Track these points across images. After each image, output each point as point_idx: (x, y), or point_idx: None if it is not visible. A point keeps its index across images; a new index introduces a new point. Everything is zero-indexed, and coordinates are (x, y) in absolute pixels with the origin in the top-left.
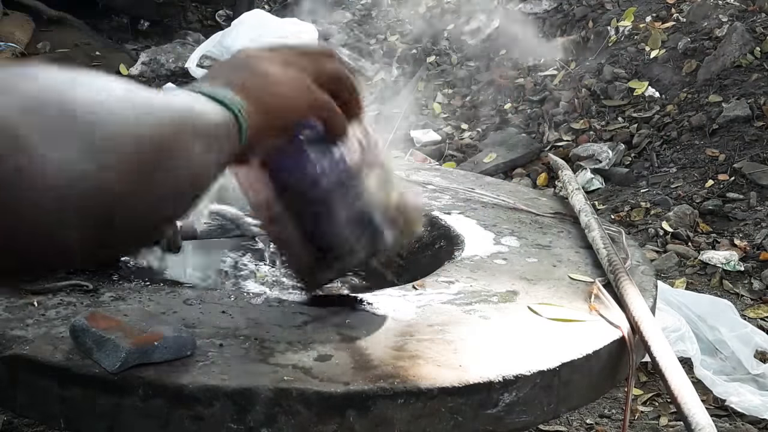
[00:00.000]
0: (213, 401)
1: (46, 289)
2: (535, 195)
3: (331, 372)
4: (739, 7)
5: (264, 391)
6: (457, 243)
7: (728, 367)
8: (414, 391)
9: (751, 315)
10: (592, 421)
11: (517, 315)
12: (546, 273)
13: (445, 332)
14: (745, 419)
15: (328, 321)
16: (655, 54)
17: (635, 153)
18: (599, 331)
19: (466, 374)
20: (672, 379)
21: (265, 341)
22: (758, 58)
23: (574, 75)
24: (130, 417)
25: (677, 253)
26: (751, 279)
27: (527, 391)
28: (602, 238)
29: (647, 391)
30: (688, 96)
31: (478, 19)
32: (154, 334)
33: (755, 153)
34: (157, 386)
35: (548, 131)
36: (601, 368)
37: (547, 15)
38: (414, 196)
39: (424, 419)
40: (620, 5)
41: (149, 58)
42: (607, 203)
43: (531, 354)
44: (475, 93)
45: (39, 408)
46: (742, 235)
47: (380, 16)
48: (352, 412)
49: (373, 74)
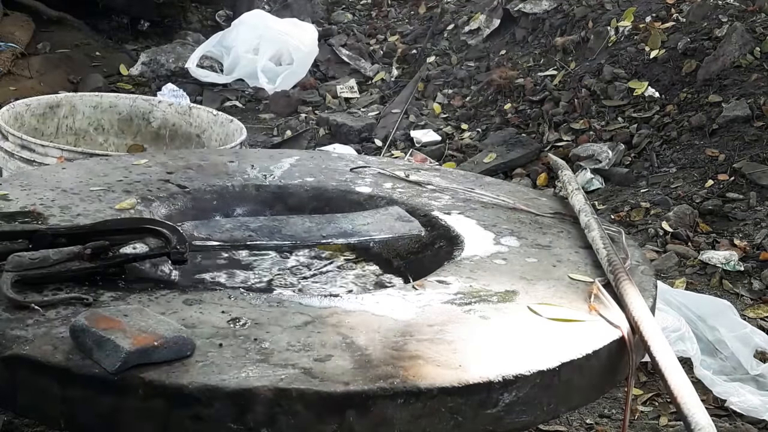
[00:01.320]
0: (213, 401)
1: (46, 302)
2: (535, 195)
3: (331, 372)
4: (738, 8)
5: (264, 391)
6: (457, 243)
7: (728, 367)
8: (414, 391)
9: (750, 315)
10: (592, 421)
11: (517, 315)
12: (546, 273)
13: (445, 332)
14: (744, 419)
15: (328, 321)
16: (654, 54)
17: (635, 153)
18: (599, 331)
19: (466, 374)
20: (672, 379)
21: (265, 341)
22: (758, 58)
23: (574, 75)
24: (130, 417)
25: (677, 253)
26: (750, 279)
27: (527, 391)
28: (602, 238)
29: (647, 391)
30: (687, 96)
31: (478, 19)
32: (154, 335)
33: (755, 153)
34: (157, 386)
35: (548, 131)
36: (601, 368)
37: (547, 15)
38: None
39: (424, 419)
40: (620, 5)
41: (149, 59)
42: (607, 203)
43: (531, 354)
44: (475, 93)
45: (39, 408)
46: (742, 235)
47: (380, 16)
48: (352, 412)
49: (373, 74)
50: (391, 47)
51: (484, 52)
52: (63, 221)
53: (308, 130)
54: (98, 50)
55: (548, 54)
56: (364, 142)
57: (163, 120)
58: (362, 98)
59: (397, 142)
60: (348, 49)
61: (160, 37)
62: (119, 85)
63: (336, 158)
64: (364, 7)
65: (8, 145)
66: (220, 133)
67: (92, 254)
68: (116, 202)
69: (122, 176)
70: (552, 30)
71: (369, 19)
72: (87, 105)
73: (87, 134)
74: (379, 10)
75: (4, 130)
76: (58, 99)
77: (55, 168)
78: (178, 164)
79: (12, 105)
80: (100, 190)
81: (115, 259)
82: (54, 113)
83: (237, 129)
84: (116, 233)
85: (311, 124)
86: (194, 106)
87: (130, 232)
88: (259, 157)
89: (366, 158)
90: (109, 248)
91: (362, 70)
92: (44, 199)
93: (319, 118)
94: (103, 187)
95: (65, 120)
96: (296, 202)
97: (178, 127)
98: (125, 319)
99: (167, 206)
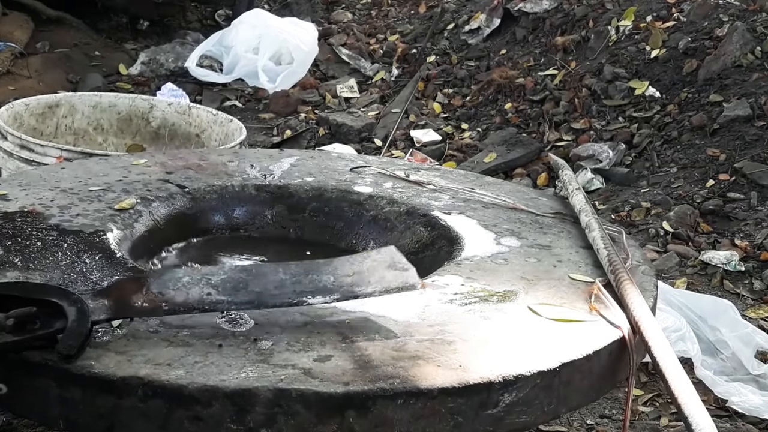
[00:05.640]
0: (212, 402)
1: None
2: (535, 195)
3: (331, 372)
4: (739, 7)
5: (264, 391)
6: (457, 243)
7: (729, 367)
8: (414, 391)
9: (751, 315)
10: (592, 421)
11: (517, 315)
12: (546, 273)
13: (445, 332)
14: (745, 419)
15: (328, 321)
16: (655, 53)
17: (636, 153)
18: (599, 331)
19: (466, 374)
20: (672, 379)
21: (264, 341)
22: (759, 57)
23: (574, 75)
24: (129, 417)
25: (678, 253)
26: (751, 279)
27: (527, 391)
28: (602, 238)
29: (648, 391)
30: (688, 96)
31: (479, 18)
32: None
33: (756, 153)
34: (157, 386)
35: (548, 131)
36: (601, 368)
37: (548, 14)
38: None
39: (424, 420)
40: (620, 5)
41: (149, 58)
42: (607, 203)
43: (531, 354)
44: (475, 92)
45: (38, 409)
46: (743, 235)
47: (380, 15)
48: (352, 413)
49: (373, 74)
50: (391, 47)
51: (484, 52)
52: (63, 221)
53: (308, 130)
54: (97, 50)
55: (548, 53)
56: (364, 141)
57: (162, 120)
58: (362, 98)
59: (397, 141)
60: (348, 49)
61: (160, 37)
62: (118, 84)
63: (336, 158)
64: (364, 6)
65: (7, 145)
66: (219, 133)
67: (15, 324)
68: (115, 201)
69: (121, 176)
70: (552, 29)
71: (369, 19)
72: (86, 105)
73: (86, 134)
74: (379, 10)
75: (3, 129)
76: (57, 99)
77: (54, 168)
78: (177, 164)
79: (11, 105)
80: (99, 189)
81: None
82: (53, 113)
83: (236, 129)
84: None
85: (311, 123)
86: (194, 106)
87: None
88: (259, 157)
89: (366, 158)
90: (37, 316)
91: (362, 70)
92: (43, 199)
93: (318, 117)
94: (102, 187)
95: (64, 120)
96: (296, 202)
97: (177, 127)
98: None
99: (167, 206)
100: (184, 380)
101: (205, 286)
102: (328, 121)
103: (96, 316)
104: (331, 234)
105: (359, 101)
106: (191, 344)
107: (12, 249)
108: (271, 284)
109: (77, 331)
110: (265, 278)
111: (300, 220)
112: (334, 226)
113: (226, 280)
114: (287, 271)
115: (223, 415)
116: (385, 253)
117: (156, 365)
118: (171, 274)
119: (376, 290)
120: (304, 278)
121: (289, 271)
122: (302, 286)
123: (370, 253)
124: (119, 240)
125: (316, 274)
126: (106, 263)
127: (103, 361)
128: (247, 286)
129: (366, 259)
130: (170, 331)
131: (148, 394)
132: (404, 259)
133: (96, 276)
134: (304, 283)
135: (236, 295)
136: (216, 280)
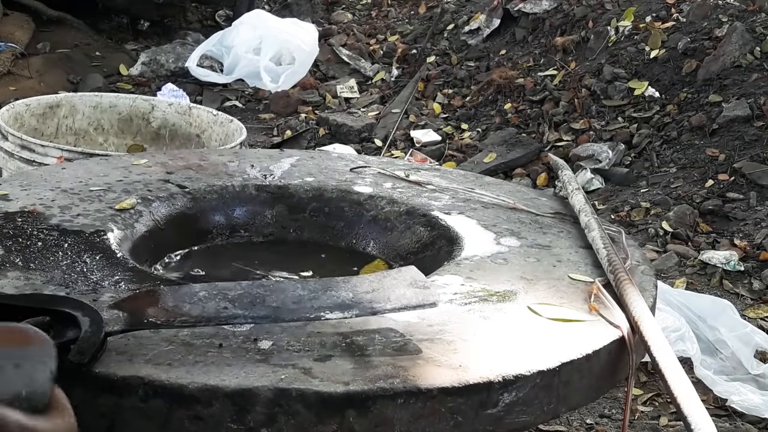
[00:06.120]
0: (213, 401)
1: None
2: (535, 195)
3: (331, 372)
4: (739, 7)
5: (264, 391)
6: (457, 243)
7: (728, 367)
8: (414, 391)
9: (751, 315)
10: (592, 421)
11: (517, 315)
12: (546, 273)
13: (445, 332)
14: (744, 419)
15: (328, 321)
16: (655, 54)
17: (635, 153)
18: (599, 331)
19: (466, 374)
20: (672, 378)
21: (265, 341)
22: (758, 58)
23: (574, 75)
24: (130, 417)
25: (677, 253)
26: (751, 279)
27: (527, 391)
28: (602, 238)
29: (647, 391)
30: (688, 96)
31: (479, 19)
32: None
33: (755, 153)
34: (157, 386)
35: (548, 131)
36: (601, 368)
37: (547, 15)
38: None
39: (424, 419)
40: (620, 5)
41: (149, 59)
42: (607, 203)
43: (531, 354)
44: (475, 93)
45: None
46: (742, 234)
47: (380, 15)
48: (352, 412)
49: (373, 74)
50: (391, 47)
51: (484, 52)
52: (64, 221)
53: (308, 130)
54: (98, 50)
55: (548, 54)
56: (364, 142)
57: (162, 120)
58: (362, 98)
59: (397, 142)
60: (348, 49)
61: (160, 37)
62: (119, 85)
63: (336, 158)
64: (364, 7)
65: (8, 145)
66: (220, 133)
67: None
68: (116, 202)
69: (122, 176)
70: (552, 30)
71: (369, 19)
72: (87, 105)
73: (87, 134)
74: (379, 10)
75: (3, 130)
76: (57, 99)
77: (55, 168)
78: (177, 164)
79: (12, 105)
80: (100, 190)
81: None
82: (54, 113)
83: (237, 129)
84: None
85: (311, 124)
86: (194, 106)
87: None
88: (259, 157)
89: (366, 158)
90: (50, 325)
91: (362, 70)
92: (44, 199)
93: (319, 118)
94: (103, 187)
95: (65, 120)
96: (296, 202)
97: (178, 127)
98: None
99: (167, 206)
100: (185, 380)
101: (222, 300)
102: (329, 121)
103: (110, 327)
104: (331, 234)
105: (359, 101)
106: (192, 344)
107: (13, 249)
108: (289, 299)
109: (90, 341)
110: (282, 293)
111: (300, 220)
112: (334, 226)
113: (243, 295)
114: (305, 287)
115: (223, 415)
116: (406, 272)
117: (156, 365)
118: (187, 288)
119: (395, 307)
120: (323, 294)
121: (307, 287)
122: (320, 301)
123: (390, 271)
124: (120, 240)
125: (335, 290)
126: (106, 263)
127: (103, 360)
128: (264, 301)
129: (386, 277)
130: (170, 331)
131: (148, 394)
132: (424, 278)
133: (96, 276)
134: (322, 299)
135: (253, 310)
136: (233, 294)
